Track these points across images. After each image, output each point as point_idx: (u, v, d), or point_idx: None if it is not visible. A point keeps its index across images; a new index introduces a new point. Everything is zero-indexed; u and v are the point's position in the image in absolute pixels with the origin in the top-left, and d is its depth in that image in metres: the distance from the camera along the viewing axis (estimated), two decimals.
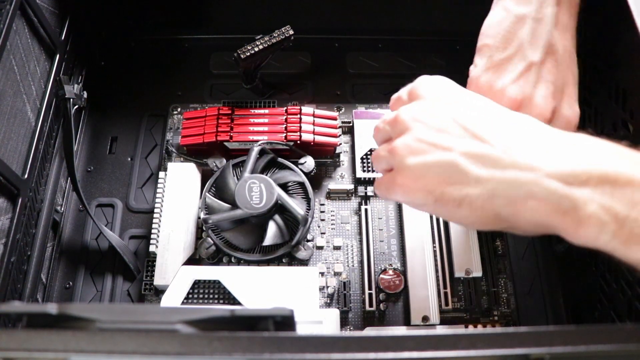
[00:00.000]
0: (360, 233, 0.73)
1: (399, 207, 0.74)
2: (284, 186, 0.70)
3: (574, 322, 0.68)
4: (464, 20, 0.92)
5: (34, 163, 0.66)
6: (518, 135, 0.45)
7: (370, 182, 0.76)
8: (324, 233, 0.74)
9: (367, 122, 0.79)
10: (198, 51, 0.90)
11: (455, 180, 0.46)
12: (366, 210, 0.74)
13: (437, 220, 0.72)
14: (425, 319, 0.66)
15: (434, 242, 0.71)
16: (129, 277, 0.71)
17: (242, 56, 0.72)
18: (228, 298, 0.64)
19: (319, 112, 0.77)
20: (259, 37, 0.73)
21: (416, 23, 0.93)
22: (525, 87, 0.54)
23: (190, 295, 0.64)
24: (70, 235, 0.75)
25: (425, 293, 0.68)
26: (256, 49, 0.72)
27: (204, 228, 0.70)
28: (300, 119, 0.75)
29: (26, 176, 0.64)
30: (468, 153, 0.45)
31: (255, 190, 0.67)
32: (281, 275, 0.65)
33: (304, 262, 0.70)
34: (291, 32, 0.73)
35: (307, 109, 0.76)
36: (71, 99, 0.72)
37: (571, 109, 0.55)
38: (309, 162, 0.73)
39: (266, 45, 0.72)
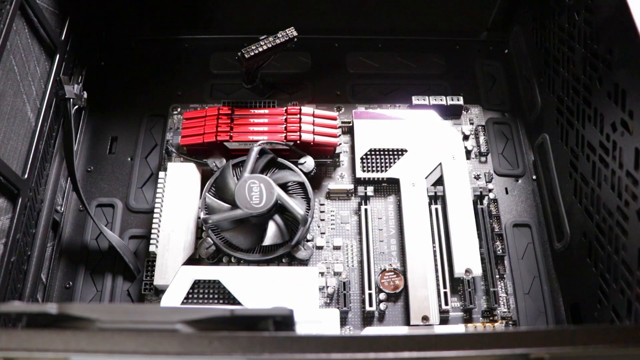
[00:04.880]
0: (360, 233, 0.73)
1: (399, 208, 0.74)
2: (283, 186, 0.71)
3: (574, 322, 0.68)
4: (464, 20, 0.93)
5: (34, 163, 0.66)
6: None
7: (369, 182, 0.76)
8: (323, 233, 0.74)
9: (367, 122, 0.79)
10: (198, 51, 0.90)
11: None
12: (366, 210, 0.74)
13: (437, 220, 0.73)
14: (425, 318, 0.66)
15: (433, 242, 0.71)
16: (129, 277, 0.72)
17: (246, 55, 0.72)
18: (228, 298, 0.64)
19: (318, 112, 0.77)
20: (263, 37, 0.73)
21: (416, 23, 0.93)
22: None
23: (190, 295, 0.64)
24: (70, 235, 0.75)
25: (425, 293, 0.68)
26: (260, 49, 0.72)
27: (203, 228, 0.70)
28: (300, 119, 0.75)
29: (26, 176, 0.64)
30: None
31: (255, 190, 0.67)
32: (281, 275, 0.65)
33: (303, 262, 0.70)
34: (295, 33, 0.73)
35: (307, 109, 0.76)
36: (71, 99, 0.72)
37: None
38: (308, 162, 0.73)
39: (270, 45, 0.73)
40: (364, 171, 0.76)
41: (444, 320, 0.68)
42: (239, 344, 0.35)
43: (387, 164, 0.76)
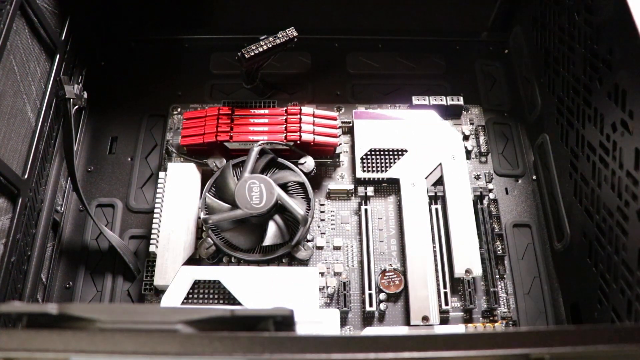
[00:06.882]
0: (360, 233, 0.73)
1: (399, 208, 0.74)
2: (284, 186, 0.70)
3: (574, 322, 0.68)
4: (464, 20, 0.93)
5: (34, 163, 0.66)
6: None
7: (369, 182, 0.76)
8: (324, 233, 0.74)
9: (367, 123, 0.79)
10: (198, 51, 0.90)
11: None
12: (366, 210, 0.74)
13: (437, 220, 0.73)
14: (425, 319, 0.66)
15: (433, 242, 0.71)
16: (129, 277, 0.71)
17: (246, 55, 0.72)
18: (228, 298, 0.64)
19: (318, 112, 0.77)
20: (263, 37, 0.73)
21: (416, 23, 0.93)
22: None
23: (190, 296, 0.64)
24: (71, 235, 0.75)
25: (425, 293, 0.68)
26: (260, 49, 0.72)
27: (204, 228, 0.70)
28: (300, 119, 0.75)
29: (26, 176, 0.64)
30: None
31: (255, 190, 0.67)
32: (281, 276, 0.65)
33: (304, 262, 0.70)
34: (295, 33, 0.73)
35: (307, 109, 0.76)
36: (71, 99, 0.72)
37: None
38: (309, 162, 0.73)
39: (270, 45, 0.73)
40: (364, 171, 0.76)
41: (444, 321, 0.68)
42: (239, 344, 0.35)
43: (387, 164, 0.76)
